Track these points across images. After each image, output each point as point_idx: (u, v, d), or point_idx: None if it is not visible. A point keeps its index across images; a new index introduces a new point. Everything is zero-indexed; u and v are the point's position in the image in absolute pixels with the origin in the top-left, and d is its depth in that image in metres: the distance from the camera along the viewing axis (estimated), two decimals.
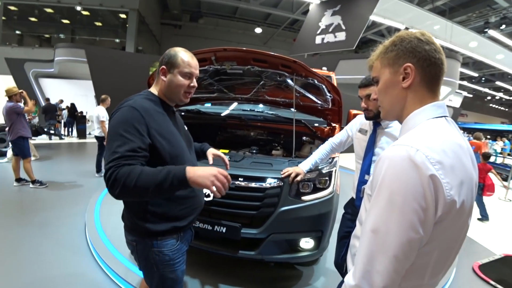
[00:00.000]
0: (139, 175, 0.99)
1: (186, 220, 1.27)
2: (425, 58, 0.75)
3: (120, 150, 1.03)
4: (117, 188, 0.99)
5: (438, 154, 0.64)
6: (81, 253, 2.71)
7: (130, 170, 1.00)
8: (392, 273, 0.64)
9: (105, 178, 1.02)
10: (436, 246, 0.69)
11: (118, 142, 1.05)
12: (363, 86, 1.68)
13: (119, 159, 1.02)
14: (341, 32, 9.40)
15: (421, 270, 0.71)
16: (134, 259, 1.29)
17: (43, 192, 4.36)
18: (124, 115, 1.10)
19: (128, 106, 1.12)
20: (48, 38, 18.40)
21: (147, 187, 0.98)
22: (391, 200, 0.64)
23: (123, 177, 0.98)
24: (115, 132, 1.07)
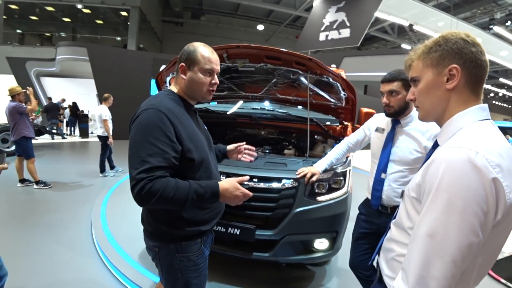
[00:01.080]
0: (177, 189, 1.01)
1: (211, 223, 1.24)
2: (472, 60, 0.74)
3: (152, 161, 0.99)
4: (152, 200, 0.98)
5: (497, 157, 0.63)
6: (89, 255, 2.67)
7: (166, 183, 1.00)
8: (449, 278, 0.63)
9: (136, 188, 0.98)
10: (484, 249, 0.68)
11: (149, 150, 1.00)
12: (386, 81, 1.62)
13: (152, 171, 0.99)
14: (345, 28, 9.31)
15: (467, 274, 0.70)
16: (156, 265, 1.24)
17: (48, 192, 4.31)
18: (151, 119, 1.03)
19: (155, 109, 1.05)
20: (49, 36, 18.37)
21: (184, 200, 1.02)
22: (450, 204, 0.62)
23: (159, 190, 0.98)
24: (143, 138, 1.02)
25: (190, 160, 1.11)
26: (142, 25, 16.42)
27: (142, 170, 0.98)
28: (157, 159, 1.00)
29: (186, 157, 1.09)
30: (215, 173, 1.28)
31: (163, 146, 1.01)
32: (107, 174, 5.54)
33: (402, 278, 0.71)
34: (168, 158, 1.02)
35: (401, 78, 1.57)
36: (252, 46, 2.12)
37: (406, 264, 0.70)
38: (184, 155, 1.09)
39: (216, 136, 3.13)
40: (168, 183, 1.00)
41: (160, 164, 1.00)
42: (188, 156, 1.10)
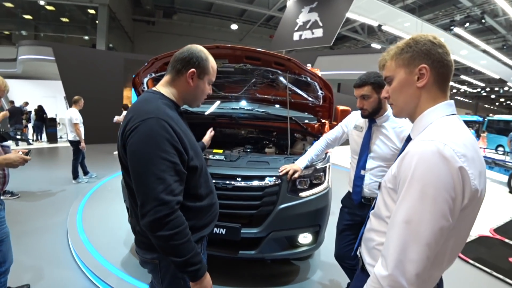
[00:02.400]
0: (189, 238, 0.97)
1: (210, 227, 1.20)
2: (439, 60, 0.81)
3: (168, 179, 0.93)
4: (166, 231, 0.91)
5: (462, 148, 0.70)
6: (66, 266, 2.55)
7: (183, 226, 0.96)
8: (425, 260, 0.69)
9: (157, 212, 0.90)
10: (455, 232, 0.74)
11: (163, 166, 0.93)
12: (357, 87, 1.72)
13: (173, 194, 0.93)
14: (318, 28, 9.54)
15: (440, 256, 0.76)
16: (153, 278, 1.17)
17: (15, 203, 4.03)
18: (156, 130, 0.94)
19: (155, 118, 0.96)
20: (9, 35, 17.03)
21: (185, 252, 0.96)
22: (423, 192, 0.69)
23: (180, 226, 0.94)
24: (153, 152, 0.93)
25: (194, 168, 1.06)
26: (112, 23, 15.71)
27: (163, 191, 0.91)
28: (170, 173, 0.94)
29: (190, 166, 1.04)
30: (210, 177, 1.24)
31: (173, 158, 0.95)
32: (81, 180, 5.28)
33: (382, 263, 0.75)
34: (179, 170, 0.97)
35: (370, 82, 1.66)
36: (231, 46, 2.13)
37: (385, 251, 0.76)
38: (189, 163, 1.03)
39: (198, 136, 3.11)
40: (186, 227, 0.97)
41: (176, 180, 0.95)
42: (192, 164, 1.04)
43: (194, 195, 1.10)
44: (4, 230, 1.77)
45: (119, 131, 1.04)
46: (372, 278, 0.79)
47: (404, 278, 0.70)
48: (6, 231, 1.80)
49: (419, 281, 0.70)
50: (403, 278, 0.70)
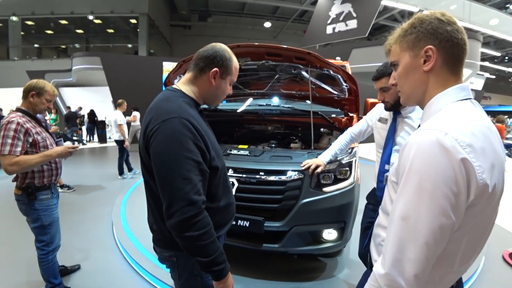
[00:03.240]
0: (214, 239, 0.97)
1: (227, 227, 1.20)
2: (447, 39, 0.72)
3: (194, 178, 0.93)
4: (193, 231, 0.92)
5: (468, 137, 0.62)
6: (110, 250, 2.86)
7: (209, 226, 0.96)
8: (423, 261, 0.63)
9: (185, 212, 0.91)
10: (466, 231, 0.67)
11: (188, 165, 0.92)
12: (375, 79, 1.66)
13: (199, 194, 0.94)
14: (352, 20, 9.18)
15: (451, 257, 0.70)
16: (172, 274, 1.17)
17: (71, 195, 4.59)
18: (179, 129, 0.93)
19: (178, 117, 0.94)
20: (65, 48, 19.11)
21: (210, 252, 0.96)
22: (420, 186, 0.63)
23: (206, 227, 0.94)
24: (178, 152, 0.92)
25: (215, 168, 1.05)
26: (151, 30, 16.77)
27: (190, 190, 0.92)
28: (195, 173, 0.93)
29: (211, 166, 1.03)
30: (228, 177, 1.24)
31: (197, 157, 0.94)
32: (126, 176, 5.77)
33: (381, 261, 0.70)
34: (203, 170, 0.97)
35: (388, 73, 1.58)
36: (252, 44, 2.18)
37: (384, 248, 0.71)
38: (211, 163, 1.02)
39: (225, 133, 3.22)
40: (211, 228, 0.98)
41: (201, 180, 0.96)
42: (213, 164, 1.03)
43: (213, 195, 1.09)
44: (54, 215, 2.03)
45: (141, 131, 1.05)
46: (372, 276, 0.74)
47: (402, 278, 0.64)
48: (56, 216, 2.06)
49: (419, 283, 0.64)
50: (401, 278, 0.65)
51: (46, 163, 1.91)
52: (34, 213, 1.92)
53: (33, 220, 1.94)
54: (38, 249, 2.01)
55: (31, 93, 1.90)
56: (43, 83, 1.94)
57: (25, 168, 1.77)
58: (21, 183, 1.87)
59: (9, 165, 1.71)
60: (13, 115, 1.82)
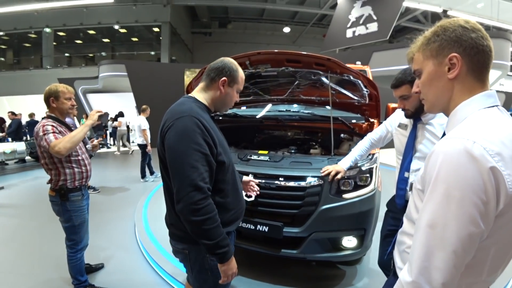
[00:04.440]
0: (218, 224, 1.08)
1: (235, 224, 1.30)
2: (472, 46, 0.72)
3: (200, 168, 1.04)
4: (200, 217, 1.03)
5: (497, 146, 0.62)
6: (132, 251, 2.98)
7: (214, 212, 1.07)
8: (451, 269, 0.63)
9: (191, 198, 1.02)
10: (495, 240, 0.66)
11: (196, 156, 1.05)
12: (394, 87, 1.63)
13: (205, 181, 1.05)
14: (372, 23, 9.02)
15: (479, 265, 0.69)
16: (184, 266, 1.30)
17: (96, 197, 4.80)
18: (189, 125, 1.07)
19: (188, 116, 1.08)
20: (92, 57, 20.14)
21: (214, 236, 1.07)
22: (448, 195, 0.63)
23: (210, 213, 1.05)
24: (187, 145, 1.05)
25: (222, 163, 1.16)
26: (173, 38, 17.34)
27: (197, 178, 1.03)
28: (203, 163, 1.05)
29: (218, 160, 1.14)
30: (237, 177, 1.35)
31: (205, 150, 1.07)
32: (148, 179, 5.96)
33: (408, 269, 0.70)
34: (210, 162, 1.09)
35: (408, 81, 1.55)
36: (272, 52, 2.21)
37: (410, 256, 0.71)
38: (217, 157, 1.14)
39: (246, 139, 3.27)
40: (216, 214, 1.09)
41: (207, 170, 1.07)
42: (220, 159, 1.15)
43: (220, 190, 1.19)
44: (84, 216, 2.16)
45: (159, 131, 1.17)
46: (397, 283, 0.74)
47: (430, 286, 0.64)
48: (86, 217, 2.19)
49: None
50: (428, 286, 0.64)
51: (78, 167, 2.04)
52: (66, 214, 2.04)
53: (65, 220, 2.07)
54: (68, 247, 2.14)
55: (50, 99, 2.03)
56: (55, 86, 2.06)
57: (75, 142, 1.89)
58: (54, 185, 1.99)
59: (60, 146, 1.82)
60: (45, 121, 1.96)
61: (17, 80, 17.14)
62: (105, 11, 16.11)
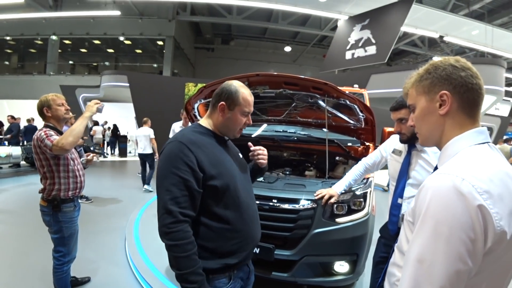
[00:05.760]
0: (186, 257, 1.02)
1: (238, 256, 1.17)
2: (462, 84, 0.75)
3: (175, 191, 1.04)
4: (168, 240, 1.03)
5: (485, 183, 0.63)
6: (121, 264, 2.91)
7: (190, 238, 1.04)
8: None
9: (162, 221, 1.03)
10: (485, 277, 0.66)
11: (172, 179, 1.06)
12: (394, 110, 1.66)
13: (178, 202, 1.04)
14: (371, 46, 9.28)
15: None
16: None
17: (88, 207, 4.72)
18: (173, 151, 1.10)
19: (176, 141, 1.11)
20: (96, 66, 20.40)
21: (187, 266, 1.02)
22: (436, 231, 0.63)
23: (183, 240, 1.02)
24: (167, 168, 1.08)
25: (213, 188, 1.11)
26: (176, 52, 17.66)
27: (169, 201, 1.04)
28: (179, 187, 1.04)
29: (208, 184, 1.10)
30: (245, 202, 1.23)
31: (184, 174, 1.05)
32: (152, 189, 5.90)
33: None
34: (190, 187, 1.06)
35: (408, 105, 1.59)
36: (271, 74, 2.27)
37: None
38: (206, 182, 1.10)
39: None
40: (188, 244, 1.03)
41: (183, 193, 1.05)
42: (210, 183, 1.10)
43: (216, 215, 1.13)
44: (74, 227, 2.13)
45: None
46: None
47: None
48: (76, 228, 2.16)
49: None
50: None
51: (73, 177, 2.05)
52: (56, 225, 2.01)
53: (55, 231, 2.03)
54: (55, 259, 2.09)
55: (44, 109, 2.05)
56: (45, 97, 2.08)
57: (76, 135, 1.90)
58: (47, 195, 1.97)
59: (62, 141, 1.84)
60: (45, 129, 1.96)
61: (20, 84, 17.25)
62: (111, 22, 16.48)
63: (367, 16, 9.67)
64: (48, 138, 1.88)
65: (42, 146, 1.88)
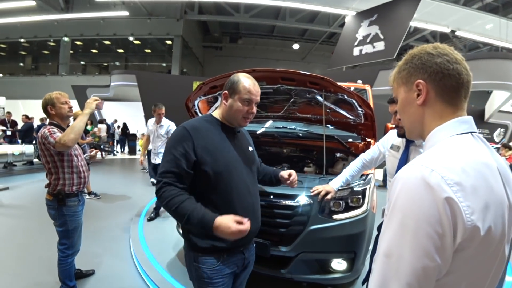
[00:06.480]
0: (179, 205, 1.16)
1: (226, 241, 1.21)
2: (437, 71, 0.71)
3: (167, 166, 1.21)
4: (162, 203, 1.19)
5: (457, 175, 0.59)
6: (124, 259, 2.98)
7: (174, 195, 1.17)
8: None
9: (156, 187, 1.22)
10: (461, 277, 0.63)
11: (168, 157, 1.22)
12: (391, 102, 1.63)
13: (166, 174, 1.20)
14: (379, 42, 9.09)
15: None
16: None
17: (97, 203, 4.85)
18: (176, 133, 1.27)
19: (181, 127, 1.27)
20: (106, 66, 20.80)
21: (181, 216, 1.16)
22: (403, 224, 0.60)
23: (166, 199, 1.17)
24: (168, 148, 1.25)
25: (204, 172, 1.22)
26: (185, 51, 17.81)
27: (161, 172, 1.21)
28: (171, 164, 1.19)
29: (201, 169, 1.22)
30: (240, 193, 1.29)
31: (178, 155, 1.20)
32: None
33: None
34: (179, 165, 1.19)
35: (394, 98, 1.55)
36: (267, 69, 2.24)
37: (369, 283, 0.69)
38: (200, 166, 1.21)
39: None
40: (174, 197, 1.16)
41: (172, 170, 1.19)
42: (202, 168, 1.21)
43: (206, 198, 1.24)
44: (78, 221, 2.19)
45: None
46: None
47: None
48: (80, 222, 2.22)
49: None
50: None
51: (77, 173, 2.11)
52: (61, 218, 2.08)
53: (60, 225, 2.11)
54: (60, 251, 2.16)
55: (48, 107, 2.11)
56: (49, 95, 2.13)
57: (77, 132, 1.95)
58: (53, 190, 2.05)
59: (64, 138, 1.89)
60: (49, 126, 2.02)
61: (34, 85, 17.78)
62: (120, 23, 16.76)
63: (375, 11, 9.47)
64: (51, 135, 1.93)
65: (46, 143, 1.95)
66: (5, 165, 7.71)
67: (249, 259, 1.42)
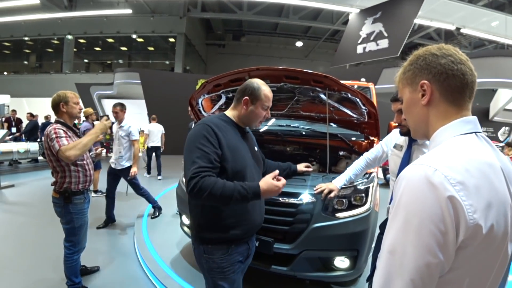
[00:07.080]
0: (223, 188, 1.19)
1: (235, 233, 1.33)
2: (441, 72, 0.73)
3: (199, 162, 1.21)
4: (203, 195, 1.18)
5: (460, 174, 0.61)
6: (129, 256, 3.01)
7: (215, 181, 1.19)
8: None
9: (190, 185, 1.19)
10: (464, 274, 0.64)
11: (197, 154, 1.23)
12: (394, 101, 1.63)
13: (200, 170, 1.19)
14: (383, 39, 9.02)
15: None
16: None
17: (103, 200, 4.86)
18: (199, 130, 1.29)
19: (202, 123, 1.31)
20: (110, 64, 20.85)
21: (228, 197, 1.19)
22: (407, 221, 0.62)
23: (209, 187, 1.17)
24: (193, 145, 1.26)
25: (224, 169, 1.28)
26: (188, 49, 17.80)
27: (193, 169, 1.20)
28: (203, 160, 1.22)
29: (222, 165, 1.27)
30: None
31: (207, 149, 1.24)
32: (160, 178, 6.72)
33: None
34: (211, 160, 1.23)
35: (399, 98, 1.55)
36: (271, 68, 2.25)
37: (374, 280, 0.70)
38: (221, 162, 1.27)
39: None
40: (217, 182, 1.19)
41: (206, 164, 1.21)
42: (223, 164, 1.27)
43: None
44: (84, 218, 2.22)
45: None
46: None
47: None
48: (86, 219, 2.25)
49: None
50: None
51: (83, 171, 2.14)
52: (68, 216, 2.12)
53: (66, 222, 2.14)
54: (66, 248, 2.20)
55: (61, 104, 2.13)
56: (63, 93, 2.16)
57: (84, 150, 2.01)
58: (59, 188, 2.08)
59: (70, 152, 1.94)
60: (56, 125, 2.05)
61: (38, 83, 17.90)
62: (124, 21, 16.78)
63: (379, 8, 9.39)
64: (57, 140, 1.96)
65: (50, 145, 1.98)
66: (10, 163, 7.80)
67: (252, 249, 1.53)
